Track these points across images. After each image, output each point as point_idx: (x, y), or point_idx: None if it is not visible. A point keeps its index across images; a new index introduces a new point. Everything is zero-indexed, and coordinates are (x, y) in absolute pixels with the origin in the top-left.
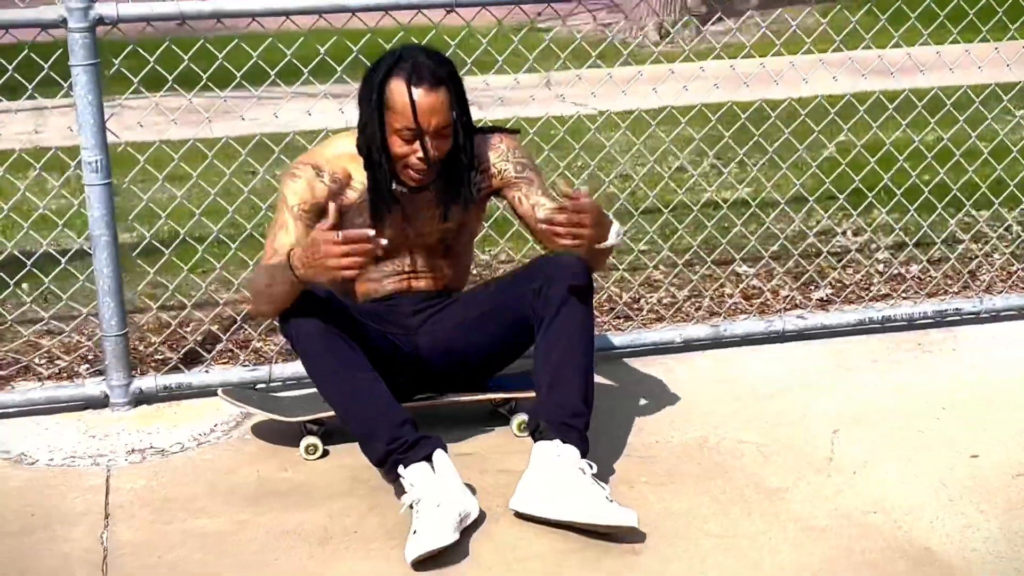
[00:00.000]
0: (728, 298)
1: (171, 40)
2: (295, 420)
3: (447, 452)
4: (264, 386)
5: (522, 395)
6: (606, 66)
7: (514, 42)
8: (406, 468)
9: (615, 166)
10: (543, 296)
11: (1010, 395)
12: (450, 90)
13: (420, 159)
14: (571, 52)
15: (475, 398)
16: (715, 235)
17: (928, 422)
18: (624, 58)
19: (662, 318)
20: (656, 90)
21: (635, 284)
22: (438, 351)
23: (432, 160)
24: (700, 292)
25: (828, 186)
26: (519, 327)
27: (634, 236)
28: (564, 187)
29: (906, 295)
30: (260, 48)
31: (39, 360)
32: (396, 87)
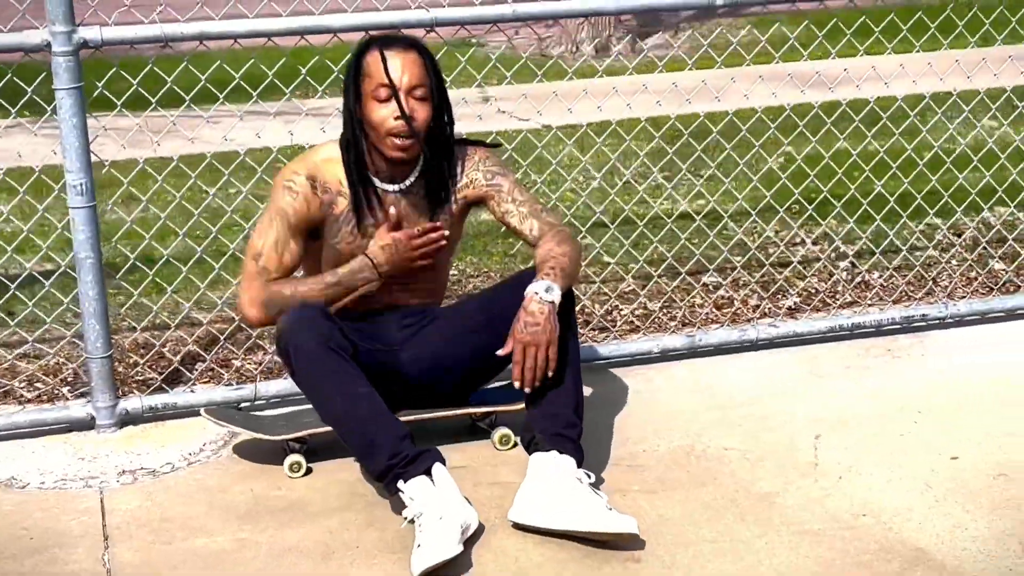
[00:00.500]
0: (700, 308)
1: (154, 62)
2: (279, 438)
3: (445, 464)
4: (249, 405)
5: (505, 408)
6: (546, 80)
7: (461, 61)
8: (406, 483)
9: (564, 181)
10: None
11: (980, 398)
12: (423, 54)
13: (398, 119)
14: (515, 71)
15: (458, 412)
16: (689, 246)
17: (906, 426)
18: (569, 75)
19: (637, 329)
20: (601, 107)
21: (611, 296)
22: (422, 366)
23: (413, 124)
24: (672, 302)
25: (769, 199)
26: (502, 342)
27: (610, 249)
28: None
29: (871, 302)
30: (242, 69)
31: (19, 383)
32: (370, 55)
